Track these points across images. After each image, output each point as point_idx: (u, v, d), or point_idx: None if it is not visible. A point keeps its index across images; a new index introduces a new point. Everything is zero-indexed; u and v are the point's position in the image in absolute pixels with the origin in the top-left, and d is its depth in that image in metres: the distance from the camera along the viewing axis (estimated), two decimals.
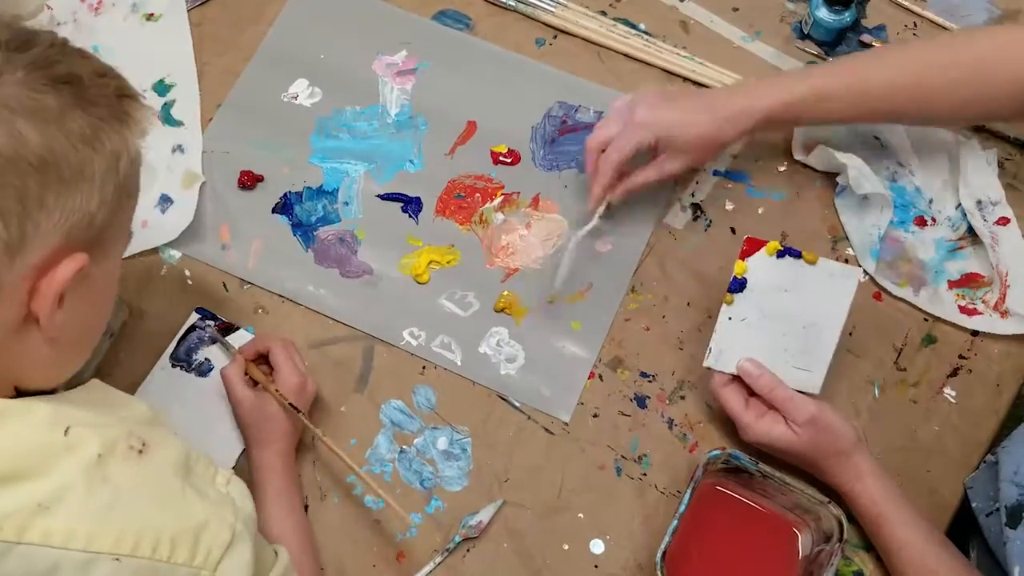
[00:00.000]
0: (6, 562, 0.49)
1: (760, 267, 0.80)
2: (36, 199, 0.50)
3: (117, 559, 0.51)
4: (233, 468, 0.81)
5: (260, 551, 0.60)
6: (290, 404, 0.77)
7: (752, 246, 0.80)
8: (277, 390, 0.78)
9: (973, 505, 0.78)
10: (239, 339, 0.85)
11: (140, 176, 0.59)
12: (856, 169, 0.88)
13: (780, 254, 0.80)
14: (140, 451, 0.55)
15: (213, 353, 0.86)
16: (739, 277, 0.80)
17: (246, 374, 0.80)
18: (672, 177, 0.86)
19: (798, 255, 0.80)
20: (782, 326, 0.80)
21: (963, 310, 0.87)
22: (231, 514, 0.57)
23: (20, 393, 0.58)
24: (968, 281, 0.88)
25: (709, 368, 0.80)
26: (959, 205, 0.90)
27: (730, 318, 0.80)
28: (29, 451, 0.52)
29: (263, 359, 0.82)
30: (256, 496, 0.75)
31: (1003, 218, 0.89)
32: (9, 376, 0.55)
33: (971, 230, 0.89)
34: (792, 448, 0.77)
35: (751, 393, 0.80)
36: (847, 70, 0.83)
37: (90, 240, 0.54)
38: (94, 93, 0.54)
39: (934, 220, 0.90)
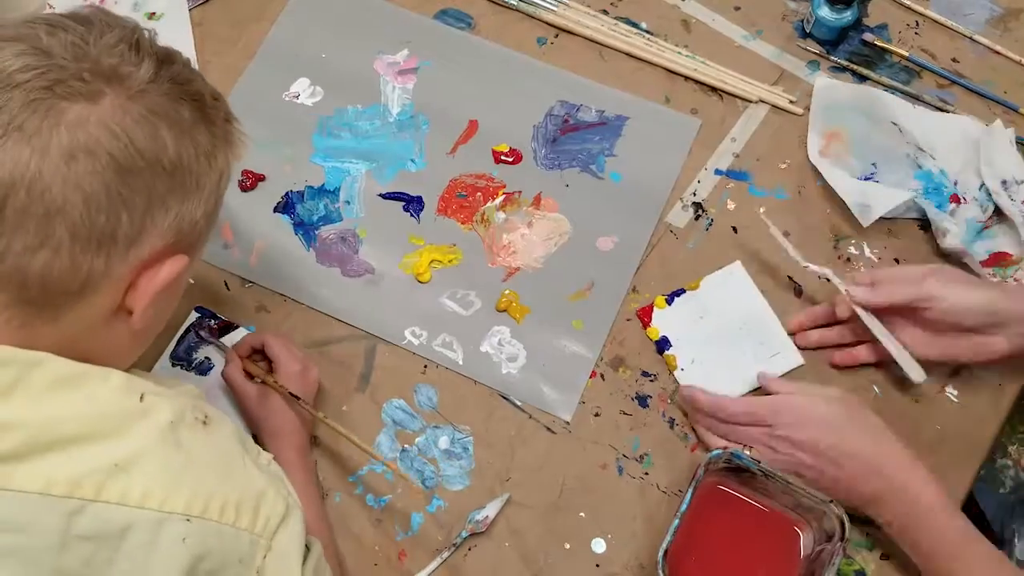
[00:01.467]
0: (81, 519, 0.51)
1: (666, 319, 0.86)
2: (160, 200, 0.55)
3: (188, 519, 0.53)
4: None
5: None
6: (290, 393, 0.77)
7: (646, 312, 0.87)
8: (276, 381, 0.78)
9: None
10: (235, 338, 0.86)
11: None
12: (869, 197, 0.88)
13: (670, 300, 0.87)
14: (204, 422, 0.58)
15: (213, 352, 0.86)
16: (658, 340, 0.86)
17: (245, 371, 0.80)
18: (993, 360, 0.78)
19: (682, 291, 0.87)
20: (727, 340, 0.85)
21: None
22: (284, 488, 0.59)
23: None
24: (997, 260, 0.88)
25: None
26: (982, 185, 0.90)
27: (683, 369, 0.85)
28: (106, 413, 0.54)
29: (259, 355, 0.82)
30: None
31: None
32: (86, 357, 0.56)
33: (997, 209, 0.89)
34: (824, 416, 0.75)
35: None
36: None
37: (188, 245, 0.59)
38: (213, 114, 0.59)
39: (964, 199, 0.90)
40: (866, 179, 0.92)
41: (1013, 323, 0.75)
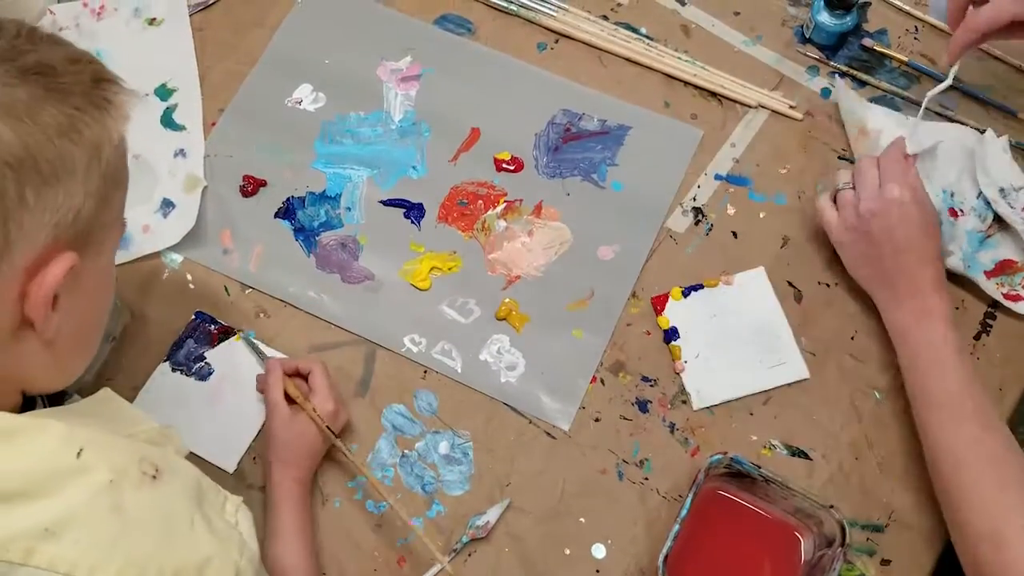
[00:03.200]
0: None
1: (679, 312, 0.86)
2: (16, 199, 0.48)
3: None
4: (233, 472, 0.81)
5: None
6: (327, 428, 0.77)
7: (660, 301, 0.87)
8: (314, 409, 0.78)
9: None
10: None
11: (128, 164, 0.57)
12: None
13: (686, 293, 0.87)
14: (153, 476, 0.53)
15: (213, 357, 0.86)
16: (667, 329, 0.86)
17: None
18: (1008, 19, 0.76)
19: (700, 287, 0.87)
20: (735, 341, 0.85)
21: (1007, 297, 0.87)
22: (236, 551, 0.55)
23: (26, 397, 0.57)
24: (1003, 268, 0.88)
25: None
26: (980, 194, 0.90)
27: (686, 361, 0.85)
28: (39, 471, 0.50)
29: (298, 378, 0.82)
30: (269, 516, 0.76)
31: None
32: (13, 380, 0.55)
33: (997, 217, 0.89)
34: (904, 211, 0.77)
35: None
36: None
37: (79, 236, 0.52)
38: (68, 81, 0.51)
39: (962, 211, 0.90)
40: None
41: None
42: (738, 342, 0.85)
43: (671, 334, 0.86)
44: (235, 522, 0.57)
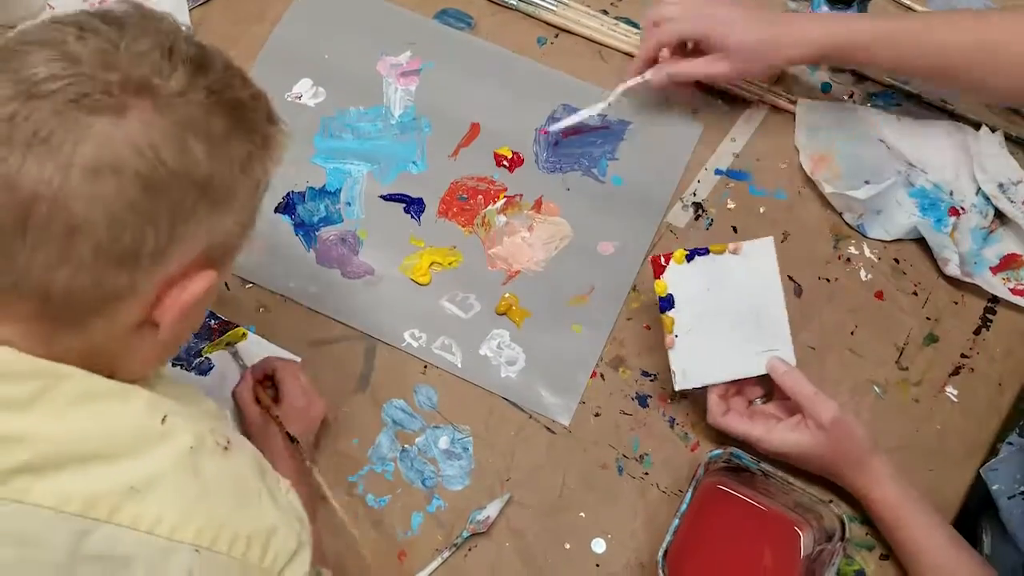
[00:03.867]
0: (90, 539, 0.50)
1: (678, 278, 0.81)
2: (188, 215, 0.52)
3: (197, 550, 0.52)
4: None
5: None
6: (288, 434, 0.77)
7: (660, 263, 0.81)
8: (277, 416, 0.78)
9: (993, 488, 0.78)
10: (245, 350, 0.86)
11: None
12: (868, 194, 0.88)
13: (689, 258, 0.81)
14: (226, 448, 0.56)
15: (216, 354, 0.86)
16: (663, 296, 0.81)
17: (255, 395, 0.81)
18: (714, 82, 0.84)
19: (706, 251, 0.81)
20: (729, 320, 0.81)
21: (1015, 292, 0.87)
22: (298, 523, 0.58)
23: None
24: (1008, 263, 0.88)
25: (682, 391, 0.82)
26: (979, 191, 0.90)
27: (676, 336, 0.81)
28: (127, 433, 0.53)
29: (271, 380, 0.83)
30: None
31: None
32: (109, 367, 0.56)
33: (997, 213, 0.89)
34: (811, 452, 0.76)
35: (751, 403, 0.81)
36: (912, 20, 0.85)
37: (219, 258, 0.57)
38: (252, 119, 0.56)
39: (963, 209, 0.90)
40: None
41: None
42: (733, 319, 0.81)
43: (666, 303, 0.81)
44: (288, 498, 0.59)
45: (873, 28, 0.82)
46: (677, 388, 0.81)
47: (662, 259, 0.81)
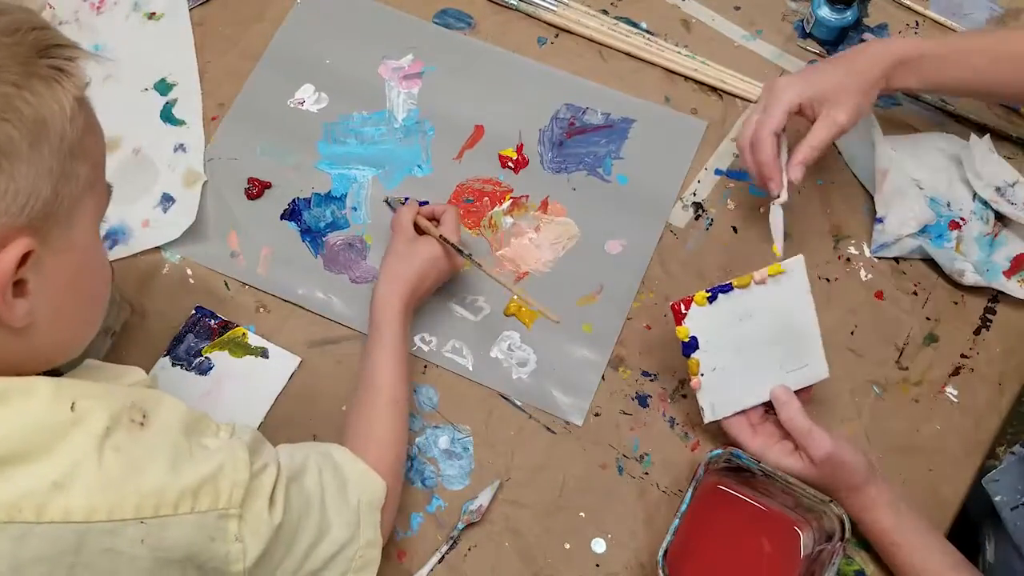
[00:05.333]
0: (28, 542, 0.49)
1: (701, 319, 0.78)
2: None
3: (142, 522, 0.52)
4: None
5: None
6: (456, 247, 0.81)
7: (683, 308, 0.77)
8: (441, 235, 0.82)
9: (996, 499, 0.78)
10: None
11: (99, 129, 0.54)
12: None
13: (711, 298, 0.77)
14: (141, 423, 0.54)
15: (213, 352, 0.86)
16: (686, 341, 0.78)
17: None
18: (843, 130, 0.81)
19: (729, 288, 0.77)
20: (759, 348, 0.78)
21: None
22: (242, 451, 0.58)
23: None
24: (1020, 264, 0.88)
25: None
26: (975, 196, 0.90)
27: (703, 375, 0.79)
28: (37, 429, 0.51)
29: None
30: (370, 335, 0.79)
31: None
32: (11, 364, 0.54)
33: (997, 216, 0.90)
34: (802, 478, 0.76)
35: (764, 417, 0.80)
36: (985, 35, 0.85)
37: (38, 218, 0.50)
38: (3, 56, 0.49)
39: (964, 220, 0.90)
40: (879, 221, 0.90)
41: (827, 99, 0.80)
42: (762, 347, 0.78)
43: (690, 346, 0.78)
44: (229, 440, 0.59)
45: (940, 42, 0.83)
46: (706, 422, 0.80)
47: (682, 306, 0.77)
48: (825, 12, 0.97)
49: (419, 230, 0.84)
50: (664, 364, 0.86)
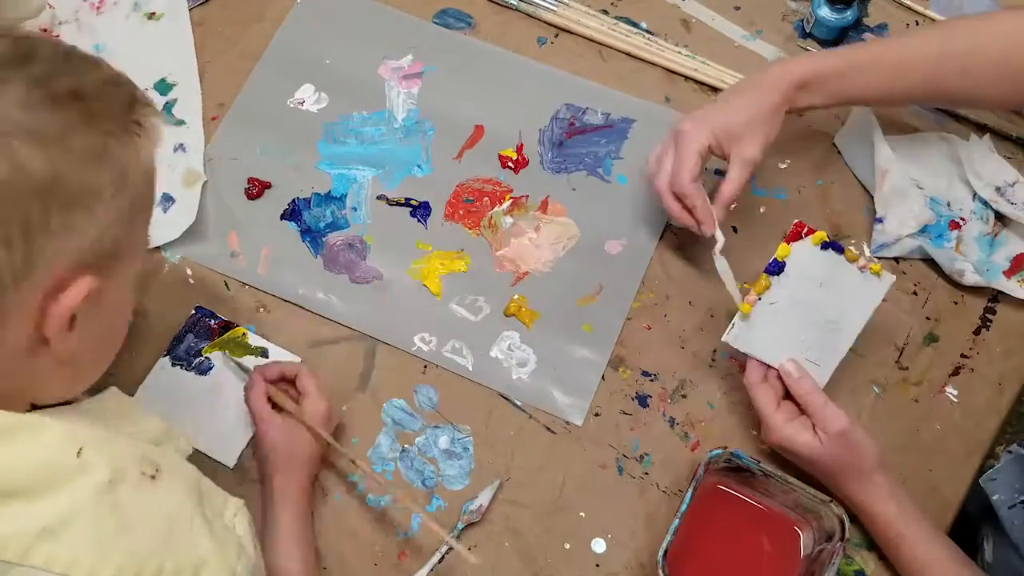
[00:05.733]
0: None
1: (801, 255, 0.80)
2: (40, 225, 0.48)
3: None
4: (233, 467, 0.81)
5: None
6: (323, 434, 0.77)
7: (798, 231, 0.80)
8: (311, 426, 0.77)
9: (993, 498, 0.78)
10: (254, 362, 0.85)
11: (154, 188, 0.57)
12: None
13: (824, 246, 0.80)
14: (153, 477, 0.53)
15: (213, 352, 0.86)
16: (780, 260, 0.80)
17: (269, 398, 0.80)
18: (756, 164, 0.81)
19: (840, 250, 0.80)
20: (806, 317, 0.80)
21: None
22: (234, 555, 0.55)
23: (35, 408, 0.57)
24: (1020, 264, 0.88)
25: (726, 344, 0.79)
26: (975, 196, 0.90)
27: (759, 300, 0.79)
28: (39, 469, 0.50)
29: (285, 383, 0.81)
30: (269, 527, 0.75)
31: None
32: (25, 395, 0.54)
33: (997, 216, 0.90)
34: (814, 458, 0.76)
35: (784, 396, 0.79)
36: (882, 43, 0.85)
37: (101, 259, 0.52)
38: (101, 107, 0.51)
39: (964, 220, 0.90)
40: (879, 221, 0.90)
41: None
42: (808, 321, 0.79)
43: (776, 267, 0.79)
44: (234, 526, 0.57)
45: (836, 57, 0.82)
46: (725, 339, 0.79)
47: (804, 229, 0.80)
48: (825, 12, 0.97)
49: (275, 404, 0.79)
50: (664, 364, 0.86)
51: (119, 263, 0.54)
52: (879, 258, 0.90)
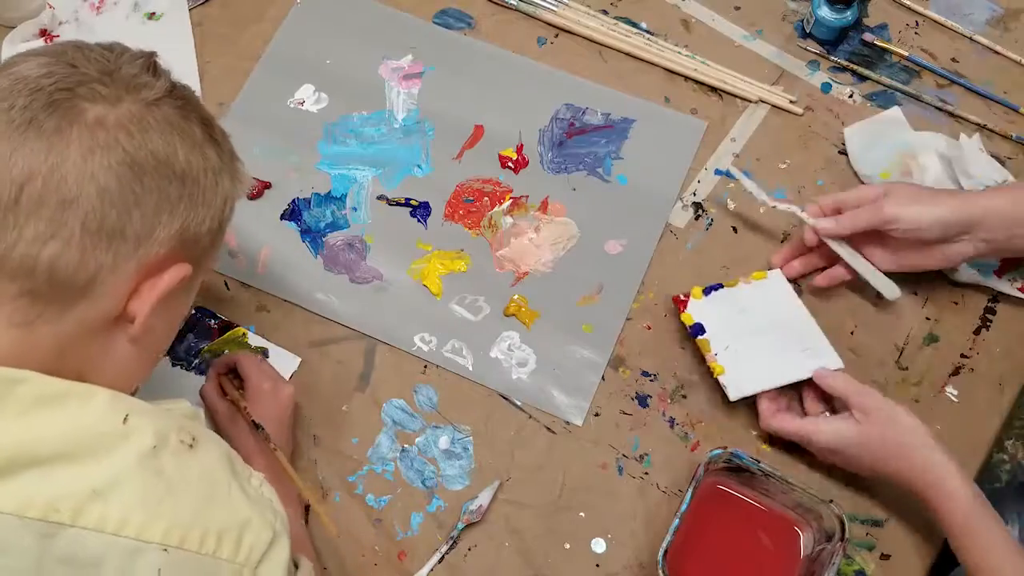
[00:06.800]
0: (56, 542, 0.50)
1: (703, 308, 0.84)
2: (169, 203, 0.57)
3: (165, 550, 0.52)
4: None
5: None
6: (253, 422, 0.77)
7: (681, 299, 0.84)
8: (244, 404, 0.78)
9: None
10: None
11: (232, 215, 0.64)
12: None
13: (706, 292, 0.84)
14: (191, 445, 0.56)
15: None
16: (692, 325, 0.83)
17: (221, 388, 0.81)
18: (887, 224, 0.80)
19: (720, 286, 0.85)
20: (763, 334, 0.82)
21: (1023, 290, 0.87)
22: (271, 513, 0.58)
23: None
24: (1010, 263, 0.88)
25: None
26: None
27: (716, 353, 0.82)
28: (87, 434, 0.53)
29: (235, 374, 0.83)
30: None
31: None
32: (79, 373, 0.56)
33: None
34: (859, 444, 0.75)
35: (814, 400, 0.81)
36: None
37: (192, 258, 0.60)
38: (221, 142, 0.62)
39: None
40: None
41: (973, 229, 0.78)
42: (767, 332, 0.82)
43: (697, 329, 0.83)
44: (262, 492, 0.59)
45: (991, 200, 0.79)
46: (732, 399, 0.81)
47: (681, 296, 0.84)
48: (825, 12, 0.97)
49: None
50: (664, 364, 0.86)
51: (198, 269, 0.61)
52: None
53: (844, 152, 0.95)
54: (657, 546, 0.74)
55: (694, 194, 0.93)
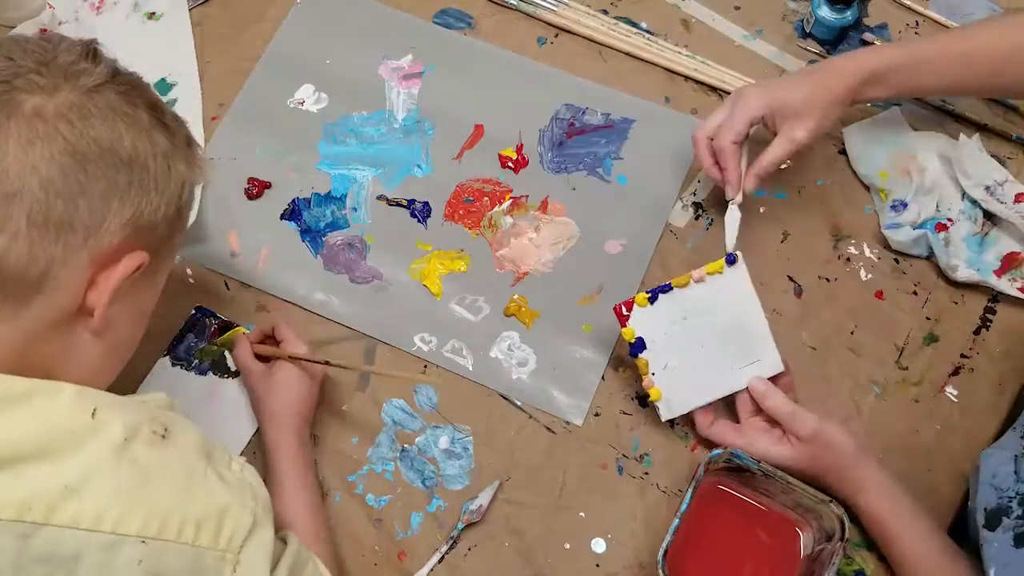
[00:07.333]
0: (32, 543, 0.50)
1: (645, 319, 0.80)
2: (118, 191, 0.56)
3: (143, 541, 0.52)
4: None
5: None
6: (312, 360, 0.78)
7: (624, 310, 0.80)
8: (289, 355, 0.79)
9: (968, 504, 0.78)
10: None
11: (193, 202, 0.64)
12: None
13: (652, 299, 0.80)
14: (163, 436, 0.56)
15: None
16: (632, 342, 0.80)
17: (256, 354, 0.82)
18: (803, 148, 0.83)
19: (668, 287, 0.80)
20: (707, 344, 0.80)
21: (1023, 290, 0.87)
22: (251, 498, 0.58)
23: None
24: (1010, 263, 0.88)
25: (671, 421, 0.82)
26: (964, 195, 0.90)
27: (654, 374, 0.81)
28: (56, 431, 0.52)
29: (270, 340, 0.83)
30: (269, 479, 0.76)
31: (1020, 195, 0.89)
32: (47, 371, 0.56)
33: (986, 215, 0.90)
34: (793, 465, 0.77)
35: (751, 413, 0.81)
36: (948, 36, 0.86)
37: (149, 246, 0.59)
38: (173, 127, 0.61)
39: (951, 220, 0.90)
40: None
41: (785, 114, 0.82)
42: (710, 344, 0.80)
43: (637, 347, 0.80)
44: (242, 477, 0.59)
45: (903, 50, 0.83)
46: (664, 419, 0.82)
47: (623, 308, 0.80)
48: (825, 12, 0.97)
49: (263, 358, 0.81)
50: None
51: (155, 260, 0.60)
52: (886, 240, 0.90)
53: (844, 152, 0.95)
54: (657, 546, 0.74)
55: (694, 194, 0.93)
